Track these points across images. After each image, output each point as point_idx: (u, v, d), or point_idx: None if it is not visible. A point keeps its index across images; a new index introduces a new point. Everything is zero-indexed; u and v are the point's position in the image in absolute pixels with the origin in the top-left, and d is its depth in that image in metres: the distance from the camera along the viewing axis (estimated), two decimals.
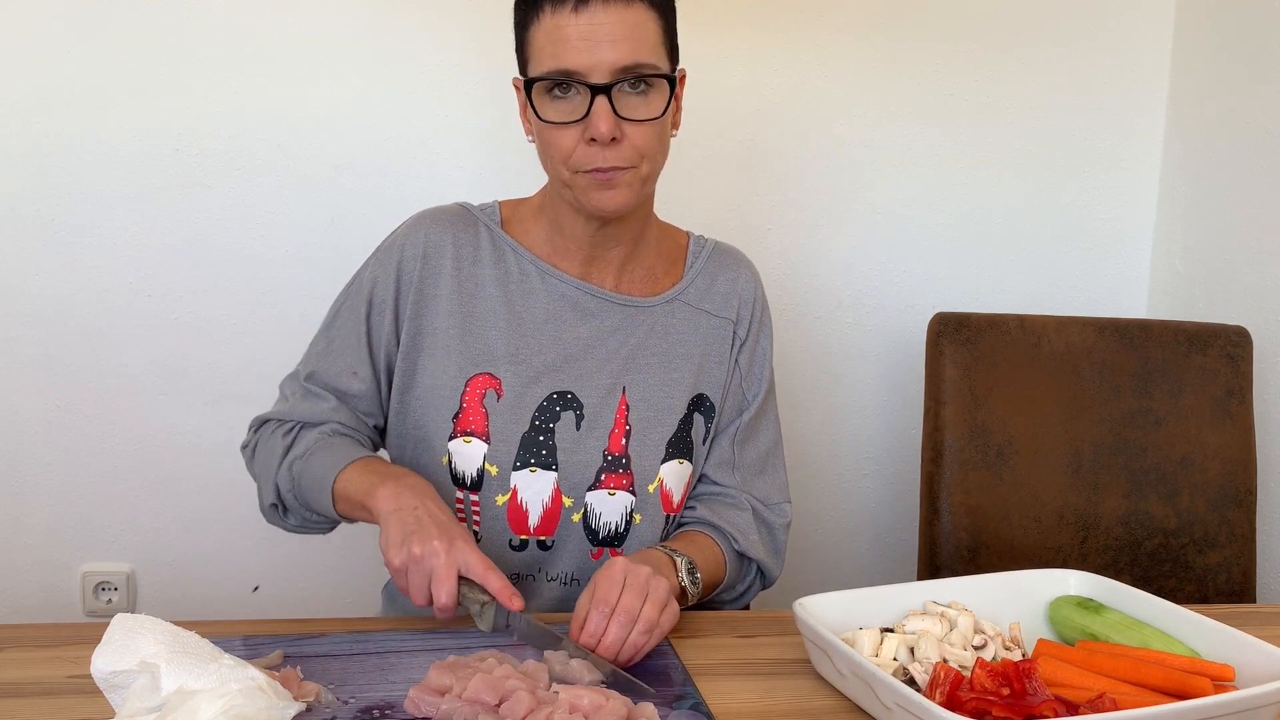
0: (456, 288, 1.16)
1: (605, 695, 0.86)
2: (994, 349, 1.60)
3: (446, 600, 0.95)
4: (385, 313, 1.16)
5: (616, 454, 1.16)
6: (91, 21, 1.68)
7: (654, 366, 1.18)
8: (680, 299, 1.21)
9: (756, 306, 1.26)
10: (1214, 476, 1.61)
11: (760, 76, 1.84)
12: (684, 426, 1.19)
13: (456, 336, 1.15)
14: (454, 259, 1.16)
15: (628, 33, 1.03)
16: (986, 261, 1.96)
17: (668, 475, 1.18)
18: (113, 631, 0.84)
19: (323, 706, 0.89)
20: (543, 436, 1.14)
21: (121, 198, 1.74)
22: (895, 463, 1.99)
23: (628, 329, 1.18)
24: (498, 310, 1.16)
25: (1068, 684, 0.91)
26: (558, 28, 1.02)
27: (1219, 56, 1.84)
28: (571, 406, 1.15)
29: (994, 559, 1.56)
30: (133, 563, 1.84)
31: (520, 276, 1.17)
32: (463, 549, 0.96)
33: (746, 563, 1.20)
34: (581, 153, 1.06)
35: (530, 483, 1.14)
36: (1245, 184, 1.78)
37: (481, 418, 1.14)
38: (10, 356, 1.75)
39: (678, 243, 1.26)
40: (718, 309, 1.23)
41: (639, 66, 1.04)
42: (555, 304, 1.17)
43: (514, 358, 1.15)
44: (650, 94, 1.06)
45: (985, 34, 1.89)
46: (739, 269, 1.26)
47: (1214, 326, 1.66)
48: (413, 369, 1.16)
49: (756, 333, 1.25)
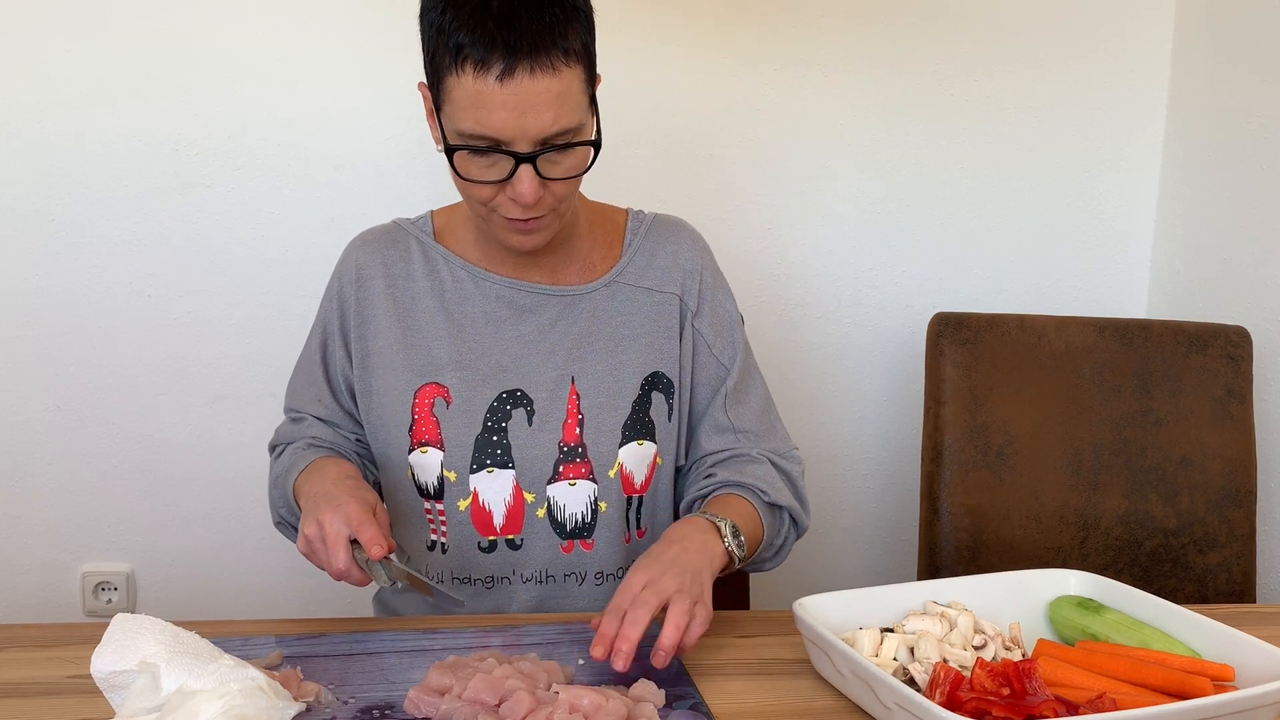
0: (392, 305, 1.18)
1: (605, 695, 0.86)
2: (994, 349, 1.60)
3: (340, 566, 0.97)
4: (335, 343, 1.21)
5: (572, 444, 1.16)
6: (91, 22, 1.69)
7: (601, 353, 1.17)
8: (619, 280, 1.20)
9: (706, 274, 1.22)
10: (1214, 476, 1.61)
11: (761, 75, 1.84)
12: (639, 408, 1.18)
13: (399, 351, 1.17)
14: (385, 277, 1.19)
15: (552, 101, 0.98)
16: (986, 261, 1.96)
17: (627, 459, 1.17)
18: (113, 631, 0.85)
19: (323, 706, 0.89)
20: (496, 436, 1.15)
21: (121, 198, 1.74)
22: (895, 463, 1.99)
23: (569, 319, 1.17)
24: (436, 320, 1.17)
25: (1068, 684, 0.91)
26: (480, 94, 0.97)
27: (1219, 56, 1.84)
28: (522, 404, 1.15)
29: (994, 559, 1.56)
30: (133, 563, 1.84)
31: (454, 284, 1.18)
32: (343, 514, 0.98)
33: (778, 513, 1.18)
34: (501, 201, 1.04)
35: (489, 483, 1.15)
36: (1245, 184, 1.78)
37: (434, 426, 1.15)
38: (10, 356, 1.75)
39: (615, 223, 1.23)
40: (660, 284, 1.20)
41: (564, 133, 1.00)
42: (492, 305, 1.17)
43: (458, 364, 1.16)
44: (575, 149, 1.03)
45: (985, 34, 1.89)
46: (678, 240, 1.23)
47: (1214, 326, 1.66)
48: (368, 390, 1.19)
49: (711, 299, 1.22)
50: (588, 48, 1.02)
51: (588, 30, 1.02)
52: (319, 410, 1.22)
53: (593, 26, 1.04)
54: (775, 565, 1.22)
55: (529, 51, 0.96)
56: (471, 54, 0.96)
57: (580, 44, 1.00)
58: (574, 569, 1.18)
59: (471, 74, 0.96)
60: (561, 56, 0.97)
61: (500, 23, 0.95)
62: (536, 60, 0.96)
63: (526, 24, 0.95)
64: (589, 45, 1.02)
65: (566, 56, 0.98)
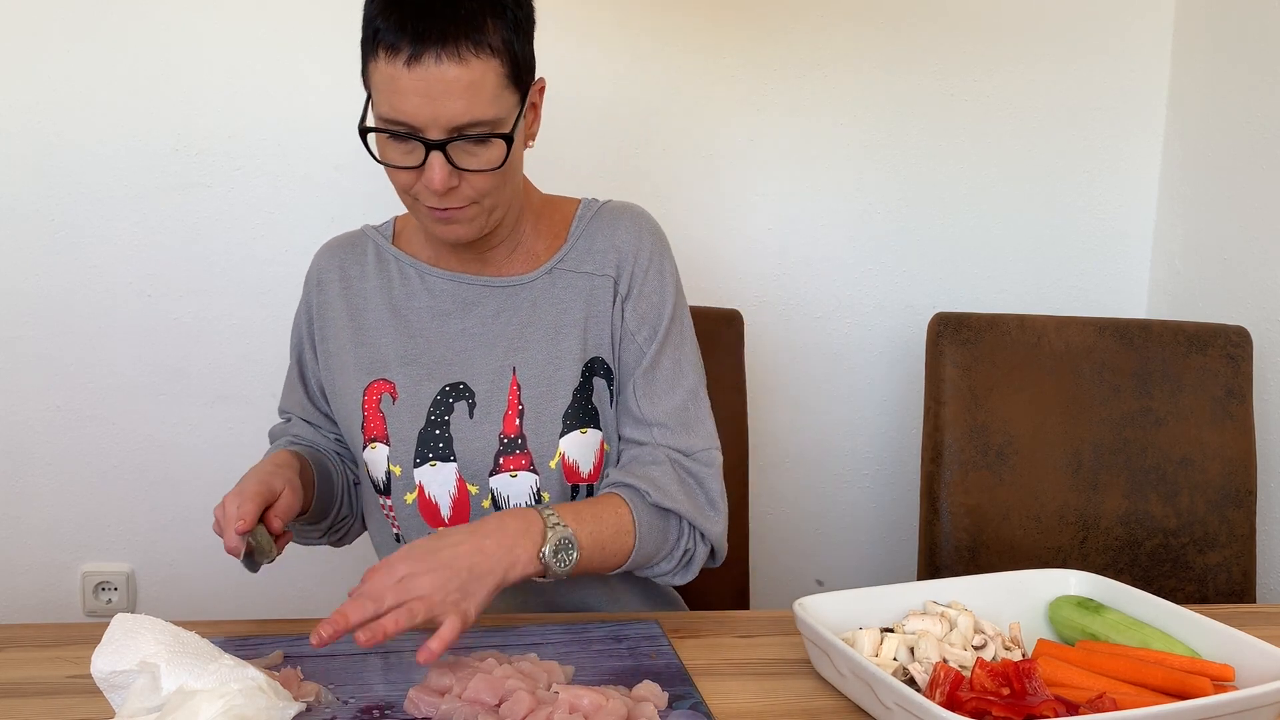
0: (346, 306, 1.21)
1: (605, 695, 0.86)
2: (994, 349, 1.60)
3: (228, 545, 0.99)
4: (306, 347, 1.25)
5: (512, 435, 1.14)
6: (91, 22, 1.69)
7: (541, 341, 1.16)
8: (560, 266, 1.18)
9: (642, 255, 1.18)
10: (1214, 476, 1.61)
11: (761, 76, 1.84)
12: (581, 396, 1.16)
13: (350, 350, 1.19)
14: (340, 280, 1.22)
15: (462, 90, 0.99)
16: (986, 261, 1.96)
17: (570, 448, 1.15)
18: (113, 631, 0.85)
19: (323, 706, 0.89)
20: (438, 430, 1.15)
21: (121, 198, 1.74)
22: (895, 463, 1.99)
23: (511, 309, 1.17)
24: (384, 318, 1.19)
25: (1068, 684, 0.91)
26: (393, 78, 0.99)
27: (1219, 56, 1.84)
28: (464, 396, 1.16)
29: (994, 559, 1.56)
30: (133, 563, 1.84)
31: (402, 281, 1.20)
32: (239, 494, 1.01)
33: (669, 518, 1.10)
34: (420, 189, 1.05)
35: (433, 476, 1.15)
36: (1245, 184, 1.78)
37: (380, 422, 1.17)
38: (10, 356, 1.75)
39: (564, 213, 1.23)
40: (598, 268, 1.18)
41: (474, 125, 1.01)
42: (437, 300, 1.18)
43: (404, 359, 1.17)
44: (490, 143, 1.03)
45: (985, 34, 1.89)
46: (619, 223, 1.20)
47: (1214, 326, 1.66)
48: (333, 391, 1.22)
49: (643, 281, 1.18)
50: (510, 45, 1.02)
51: (513, 28, 1.02)
52: (301, 411, 1.26)
53: (524, 26, 1.04)
54: (683, 577, 1.13)
55: (437, 39, 0.98)
56: (384, 38, 0.99)
57: (501, 40, 1.01)
58: None
59: (384, 58, 0.99)
60: (472, 48, 0.98)
61: (414, 10, 0.98)
62: (444, 48, 0.98)
63: (439, 11, 0.98)
64: (513, 43, 1.02)
65: (478, 49, 0.99)
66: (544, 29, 1.78)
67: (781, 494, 1.97)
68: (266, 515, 1.04)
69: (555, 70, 1.81)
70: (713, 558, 1.16)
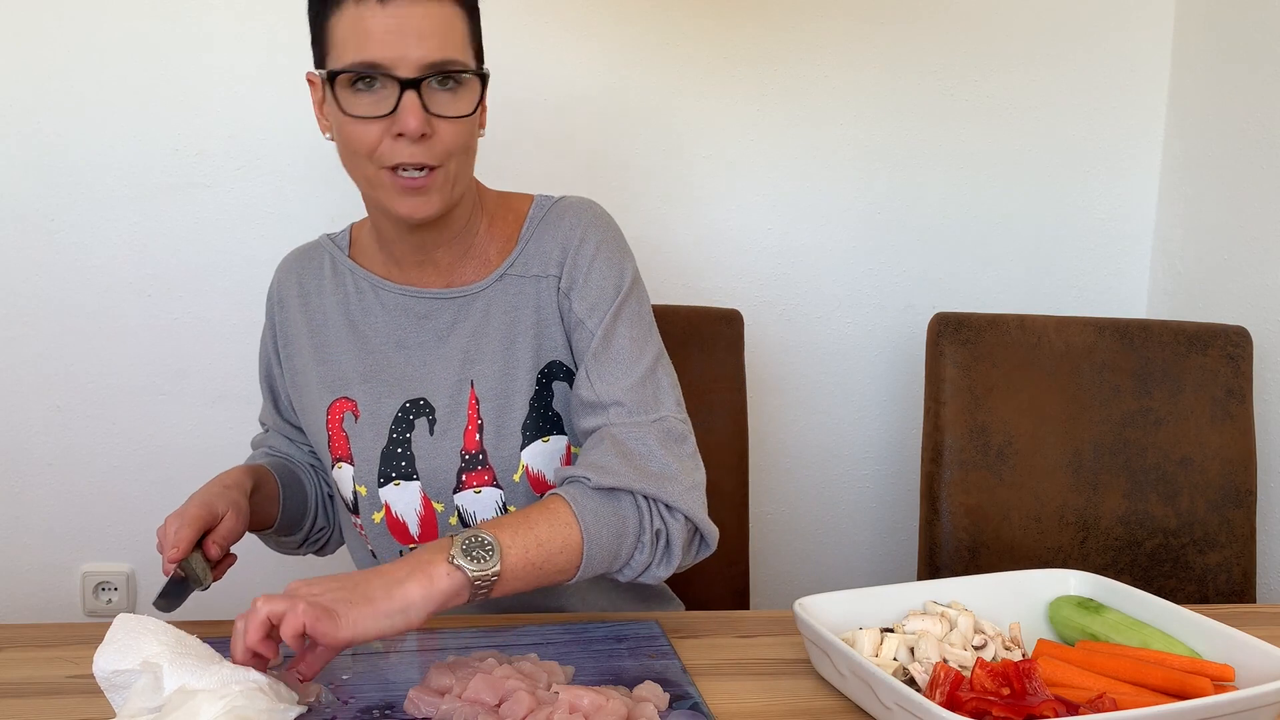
0: (306, 322, 1.19)
1: (605, 695, 0.86)
2: (994, 349, 1.60)
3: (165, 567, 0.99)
4: (273, 361, 1.24)
5: (473, 451, 1.12)
6: (91, 22, 1.69)
7: (495, 352, 1.12)
8: (510, 272, 1.14)
9: (585, 245, 1.12)
10: (1214, 476, 1.61)
11: (761, 75, 1.84)
12: (539, 404, 1.12)
13: (313, 368, 1.18)
14: (299, 295, 1.21)
15: (435, 28, 0.99)
16: (986, 261, 1.96)
17: (533, 459, 1.12)
18: (115, 631, 0.85)
19: (323, 706, 0.89)
20: (400, 448, 1.13)
21: (122, 198, 1.74)
22: (895, 463, 1.99)
23: (464, 320, 1.14)
24: (343, 335, 1.17)
25: (1068, 684, 0.91)
26: (361, 19, 0.98)
27: (1219, 57, 1.84)
28: (424, 413, 1.13)
29: (994, 559, 1.56)
30: (133, 563, 1.84)
31: (358, 296, 1.18)
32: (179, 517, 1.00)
33: (621, 498, 0.99)
34: (388, 147, 1.02)
35: (398, 496, 1.13)
36: (1245, 184, 1.78)
37: (344, 441, 1.15)
38: (10, 356, 1.75)
39: (517, 213, 1.17)
40: (544, 269, 1.13)
41: (448, 63, 1.00)
42: (392, 315, 1.16)
43: (365, 376, 1.15)
44: (460, 91, 1.03)
45: (985, 34, 1.89)
46: (562, 220, 1.14)
47: (1214, 326, 1.66)
48: (300, 409, 1.21)
49: (586, 270, 1.11)
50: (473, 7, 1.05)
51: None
52: (274, 424, 1.27)
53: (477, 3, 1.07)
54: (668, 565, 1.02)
55: None
56: None
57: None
58: None
59: (353, 3, 0.99)
60: None
61: None
62: None
63: None
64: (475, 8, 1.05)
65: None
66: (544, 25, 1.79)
67: (781, 494, 1.97)
68: (205, 541, 1.02)
69: (554, 67, 1.82)
70: (703, 542, 1.05)
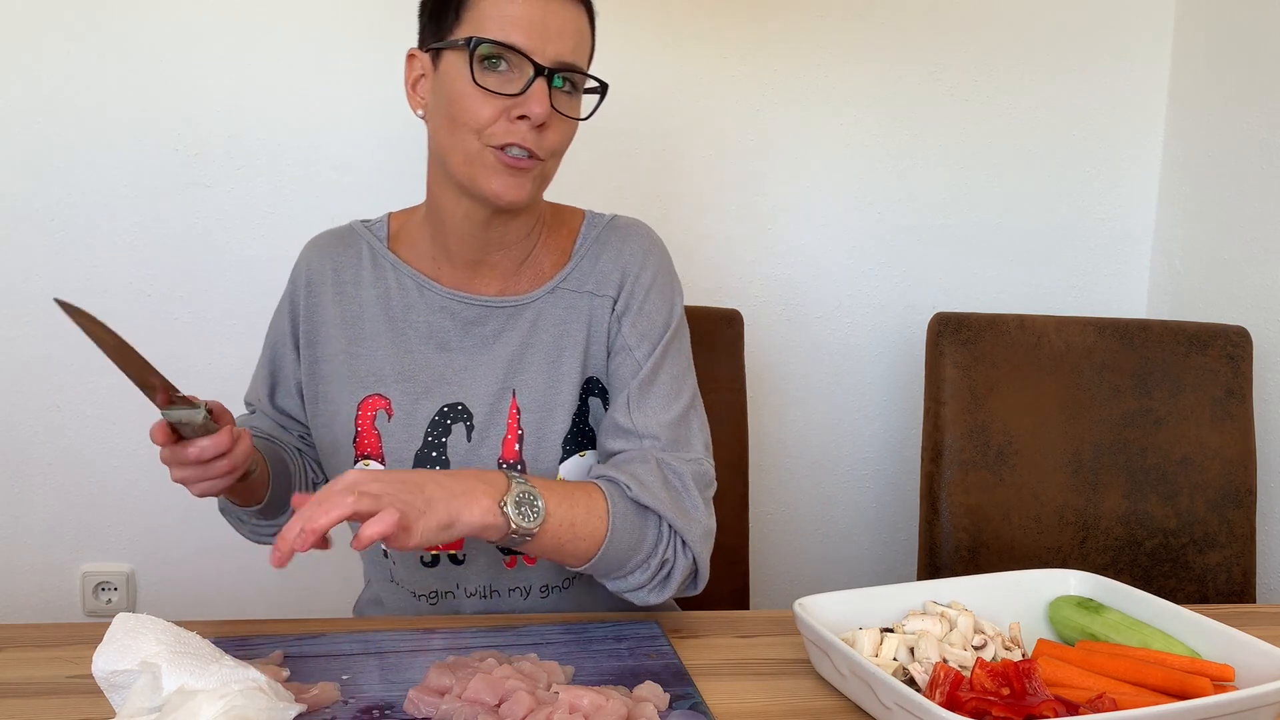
0: (340, 312, 1.17)
1: (605, 695, 0.86)
2: (994, 349, 1.60)
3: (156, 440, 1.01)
4: (287, 346, 1.21)
5: (511, 461, 1.11)
6: (91, 22, 1.69)
7: (541, 364, 1.13)
8: (563, 286, 1.15)
9: (645, 274, 1.15)
10: (1214, 476, 1.61)
11: (761, 75, 1.84)
12: (579, 419, 1.13)
13: (345, 361, 1.16)
14: (335, 284, 1.18)
15: (573, 30, 1.04)
16: (986, 261, 1.96)
17: (570, 473, 1.12)
18: (114, 631, 0.85)
19: (323, 706, 0.89)
20: (435, 452, 1.12)
21: (121, 198, 1.74)
22: (895, 463, 1.99)
23: (511, 329, 1.14)
24: (381, 330, 1.15)
25: (1068, 684, 0.91)
26: (510, 2, 1.01)
27: (1219, 57, 1.84)
28: (462, 418, 1.13)
29: (994, 559, 1.56)
30: (133, 563, 1.84)
31: (400, 292, 1.16)
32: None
33: (649, 518, 1.04)
34: (502, 127, 1.02)
35: None
36: (1245, 184, 1.78)
37: (375, 439, 1.14)
38: (10, 356, 1.75)
39: (570, 227, 1.19)
40: (600, 288, 1.15)
41: (578, 66, 1.05)
42: (436, 316, 1.14)
43: (401, 375, 1.14)
44: (576, 97, 1.08)
45: (986, 35, 1.89)
46: (625, 241, 1.16)
47: (1214, 326, 1.66)
48: (315, 397, 1.18)
49: (643, 299, 1.14)
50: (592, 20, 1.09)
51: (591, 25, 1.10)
52: (265, 408, 1.24)
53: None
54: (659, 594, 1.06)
55: None
56: None
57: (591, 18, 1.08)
58: (518, 583, 1.16)
59: None
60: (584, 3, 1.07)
61: None
62: None
63: None
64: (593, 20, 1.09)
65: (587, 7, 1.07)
66: None
67: (781, 494, 1.97)
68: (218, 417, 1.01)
69: None
70: (694, 580, 1.08)
